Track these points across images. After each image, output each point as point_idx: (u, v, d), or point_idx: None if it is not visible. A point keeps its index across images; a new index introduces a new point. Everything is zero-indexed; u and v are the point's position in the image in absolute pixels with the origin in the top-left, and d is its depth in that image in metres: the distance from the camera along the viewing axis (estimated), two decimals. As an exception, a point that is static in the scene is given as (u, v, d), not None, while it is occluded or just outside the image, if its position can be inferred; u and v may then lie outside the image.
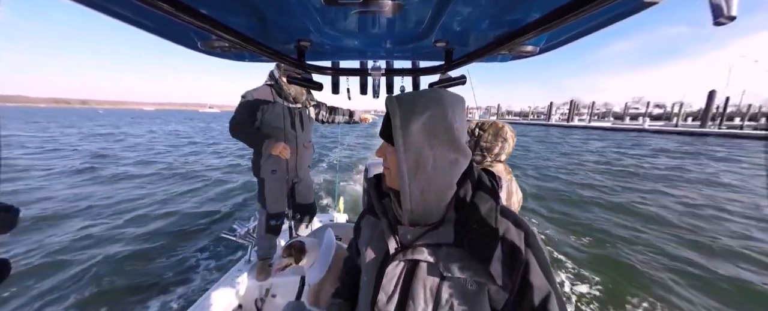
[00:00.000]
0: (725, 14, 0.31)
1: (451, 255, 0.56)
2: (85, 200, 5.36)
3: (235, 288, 1.89)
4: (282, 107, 1.99)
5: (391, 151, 0.62)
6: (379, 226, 0.69)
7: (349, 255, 0.92)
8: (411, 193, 0.56)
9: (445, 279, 0.56)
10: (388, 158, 0.63)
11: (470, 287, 0.55)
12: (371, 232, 0.72)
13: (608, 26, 0.63)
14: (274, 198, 2.08)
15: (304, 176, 2.26)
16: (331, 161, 9.71)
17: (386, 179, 0.65)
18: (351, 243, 0.91)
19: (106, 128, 27.46)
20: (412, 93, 0.60)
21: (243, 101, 1.93)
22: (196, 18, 0.49)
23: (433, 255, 0.57)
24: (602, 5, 0.39)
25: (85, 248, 3.59)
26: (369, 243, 0.70)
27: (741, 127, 31.05)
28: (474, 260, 0.55)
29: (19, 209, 0.34)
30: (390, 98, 0.58)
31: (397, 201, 0.63)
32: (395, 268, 0.61)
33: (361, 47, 0.94)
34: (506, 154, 1.44)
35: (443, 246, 0.57)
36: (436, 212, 0.58)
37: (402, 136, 0.55)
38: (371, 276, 0.66)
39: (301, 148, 2.10)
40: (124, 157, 10.74)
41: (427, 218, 0.59)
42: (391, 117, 0.56)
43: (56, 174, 7.45)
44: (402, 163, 0.55)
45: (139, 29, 0.68)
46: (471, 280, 0.55)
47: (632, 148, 17.30)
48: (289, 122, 2.02)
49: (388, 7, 0.55)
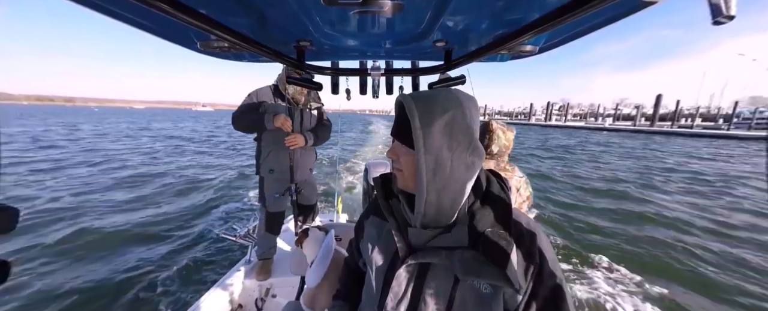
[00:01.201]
0: (724, 14, 0.31)
1: (466, 258, 0.55)
2: (84, 201, 5.37)
3: (235, 288, 1.90)
4: (283, 108, 1.97)
5: (406, 152, 0.58)
6: (385, 227, 0.67)
7: (349, 256, 0.90)
8: (427, 196, 0.54)
9: (458, 282, 0.56)
10: (403, 159, 0.59)
11: (485, 290, 0.54)
12: (378, 233, 0.70)
13: (607, 26, 0.63)
14: (274, 198, 2.06)
15: (305, 178, 2.22)
16: (331, 160, 9.71)
17: (398, 181, 0.63)
18: (351, 243, 0.89)
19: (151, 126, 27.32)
20: (427, 92, 0.57)
21: (247, 100, 1.99)
22: (195, 18, 0.49)
23: (447, 258, 0.56)
24: (601, 5, 0.39)
25: (83, 247, 3.59)
26: (375, 244, 0.68)
27: (691, 126, 35.84)
28: (490, 263, 0.53)
29: (19, 210, 0.34)
30: (405, 97, 0.56)
31: (407, 203, 0.61)
32: (405, 271, 0.60)
33: (360, 47, 0.94)
34: (499, 147, 1.43)
35: (458, 250, 0.56)
36: (449, 214, 0.56)
37: (423, 137, 0.52)
38: (379, 279, 0.64)
39: (299, 150, 2.05)
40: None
41: (440, 221, 0.57)
42: (410, 117, 0.53)
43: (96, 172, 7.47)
44: (421, 165, 0.53)
45: (139, 29, 0.68)
46: (486, 284, 0.54)
47: (581, 142, 21.33)
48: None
49: (388, 7, 0.55)
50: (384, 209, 0.65)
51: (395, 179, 0.64)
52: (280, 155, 2.01)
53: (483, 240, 0.55)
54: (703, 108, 52.41)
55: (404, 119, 0.56)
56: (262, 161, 2.01)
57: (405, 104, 0.55)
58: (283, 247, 2.42)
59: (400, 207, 0.63)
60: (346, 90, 1.24)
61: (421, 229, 0.58)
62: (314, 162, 2.31)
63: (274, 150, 1.99)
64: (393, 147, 0.62)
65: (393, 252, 0.63)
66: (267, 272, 2.00)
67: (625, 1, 0.51)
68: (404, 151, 0.59)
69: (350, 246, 0.90)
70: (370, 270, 0.68)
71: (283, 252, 2.33)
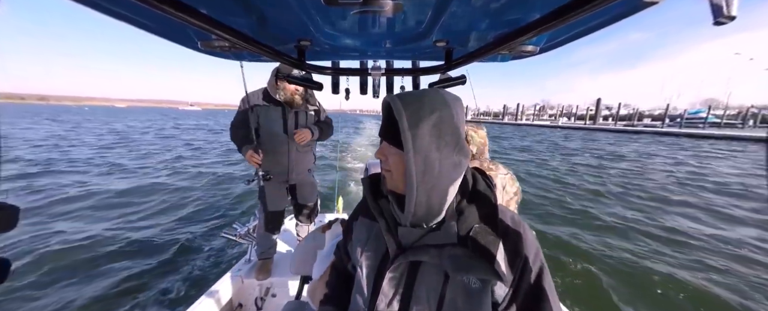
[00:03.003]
0: (725, 14, 0.31)
1: (455, 255, 0.56)
2: (85, 197, 5.37)
3: (235, 288, 1.90)
4: (276, 112, 1.97)
5: (394, 153, 0.58)
6: (374, 228, 0.68)
7: (337, 259, 0.88)
8: (417, 196, 0.54)
9: (448, 279, 0.57)
10: (391, 160, 0.59)
11: (474, 285, 0.56)
12: (367, 234, 0.70)
13: (608, 26, 0.63)
14: (273, 197, 2.07)
15: (303, 178, 2.21)
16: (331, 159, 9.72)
17: (387, 182, 0.63)
18: (340, 246, 0.87)
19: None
20: (413, 93, 0.57)
21: (240, 106, 2.00)
22: (195, 18, 0.49)
23: (437, 255, 0.57)
24: (602, 5, 0.39)
25: (81, 248, 3.59)
26: (365, 245, 0.68)
27: (634, 124, 41.99)
28: (479, 259, 0.55)
29: (19, 209, 0.34)
30: (392, 98, 0.56)
31: (397, 203, 0.62)
32: (396, 270, 0.60)
33: (361, 47, 0.93)
34: (477, 146, 1.46)
35: (447, 247, 0.57)
36: (437, 213, 0.57)
37: (411, 138, 0.52)
38: (369, 279, 0.64)
39: (294, 152, 2.05)
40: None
41: (429, 220, 0.58)
42: (397, 118, 0.53)
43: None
44: (411, 166, 0.53)
45: (139, 29, 0.68)
46: (475, 279, 0.56)
47: (528, 135, 26.02)
48: (281, 125, 1.99)
49: (389, 6, 0.55)
50: (374, 210, 0.65)
51: (384, 180, 0.65)
52: (276, 156, 2.02)
53: (471, 236, 0.56)
54: (660, 110, 58.08)
55: (392, 119, 0.57)
56: (261, 162, 2.01)
57: (392, 105, 0.55)
58: (283, 247, 2.42)
59: (389, 207, 0.64)
60: (346, 90, 1.24)
61: (410, 228, 0.59)
62: (313, 163, 2.30)
63: (270, 151, 1.99)
64: (381, 148, 0.62)
65: (383, 252, 0.63)
66: (267, 271, 2.01)
67: (626, 1, 0.51)
68: (393, 151, 0.59)
69: (338, 250, 0.88)
70: (360, 271, 0.68)
71: (283, 252, 2.33)
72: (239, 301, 1.93)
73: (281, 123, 1.99)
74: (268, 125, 1.97)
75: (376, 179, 0.70)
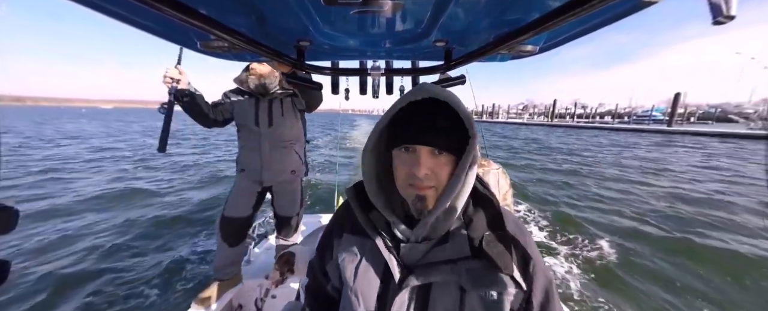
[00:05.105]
0: (724, 14, 0.31)
1: (473, 269, 0.52)
2: (83, 198, 5.36)
3: (234, 288, 1.89)
4: (248, 101, 1.73)
5: (445, 163, 0.51)
6: (367, 245, 0.59)
7: (310, 282, 0.75)
8: (447, 208, 0.50)
9: (464, 294, 0.52)
10: (443, 171, 0.52)
11: (491, 298, 0.52)
12: (359, 252, 0.60)
13: (608, 25, 0.63)
14: (236, 200, 1.76)
15: (282, 180, 1.85)
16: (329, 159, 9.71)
17: (427, 202, 0.53)
18: (312, 265, 0.74)
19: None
20: (447, 91, 0.51)
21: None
22: (195, 18, 0.49)
23: (452, 272, 0.52)
24: (602, 5, 0.39)
25: (79, 247, 3.59)
26: (358, 265, 0.59)
27: (593, 121, 48.33)
28: (497, 271, 0.52)
29: (18, 210, 0.34)
30: (448, 95, 0.50)
31: (400, 217, 0.56)
32: (406, 295, 0.53)
33: (360, 47, 0.93)
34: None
35: (460, 261, 0.52)
36: (452, 224, 0.54)
37: (471, 142, 0.47)
38: (369, 305, 0.57)
39: (267, 147, 1.73)
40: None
41: (440, 232, 0.54)
42: (465, 121, 0.48)
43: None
44: (462, 176, 0.48)
45: (139, 29, 0.68)
46: (492, 290, 0.53)
47: (503, 131, 30.37)
48: (252, 117, 1.71)
49: (388, 6, 0.55)
50: (365, 225, 0.58)
51: (424, 201, 0.53)
52: (249, 152, 1.76)
53: (485, 247, 0.53)
54: (627, 109, 62.21)
55: (438, 121, 0.50)
56: (237, 157, 1.82)
57: (454, 105, 0.48)
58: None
59: (382, 221, 0.57)
60: (346, 90, 1.24)
61: (414, 244, 0.54)
62: (300, 164, 1.89)
63: (245, 145, 1.77)
64: (425, 161, 0.50)
65: (382, 275, 0.56)
66: (213, 299, 1.65)
67: (625, 1, 0.51)
68: (444, 161, 0.51)
69: (312, 270, 0.74)
70: (352, 296, 0.58)
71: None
72: (239, 302, 1.92)
73: (253, 114, 1.71)
74: (240, 116, 1.74)
75: (361, 188, 0.60)
